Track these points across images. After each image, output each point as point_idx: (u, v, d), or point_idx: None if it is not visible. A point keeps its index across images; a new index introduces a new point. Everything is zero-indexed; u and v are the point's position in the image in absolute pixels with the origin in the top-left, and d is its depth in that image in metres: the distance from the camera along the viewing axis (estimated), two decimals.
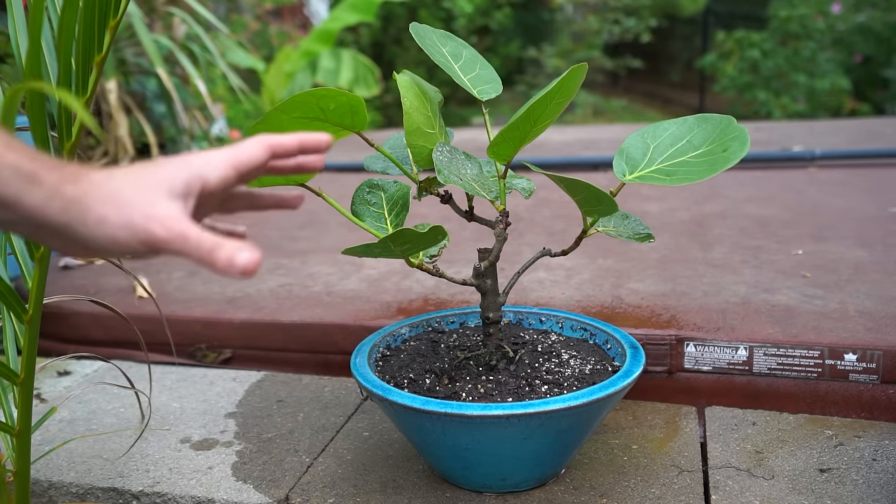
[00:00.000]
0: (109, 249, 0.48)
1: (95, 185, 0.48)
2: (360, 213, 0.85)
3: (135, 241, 0.47)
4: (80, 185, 0.48)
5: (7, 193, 0.46)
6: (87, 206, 0.47)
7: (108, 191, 0.48)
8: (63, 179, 0.47)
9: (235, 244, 0.46)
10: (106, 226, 0.47)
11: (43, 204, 0.46)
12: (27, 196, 0.46)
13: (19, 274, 0.73)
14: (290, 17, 6.24)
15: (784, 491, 0.81)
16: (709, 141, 0.75)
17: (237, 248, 0.46)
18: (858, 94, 6.02)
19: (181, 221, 0.48)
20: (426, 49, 0.81)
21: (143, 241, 0.47)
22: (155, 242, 0.47)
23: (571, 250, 0.84)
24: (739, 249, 1.45)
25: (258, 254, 0.46)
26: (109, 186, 0.48)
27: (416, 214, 1.30)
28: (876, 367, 0.98)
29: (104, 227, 0.47)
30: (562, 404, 0.72)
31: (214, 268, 0.46)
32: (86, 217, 0.47)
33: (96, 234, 0.47)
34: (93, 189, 0.48)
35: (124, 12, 0.68)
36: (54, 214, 0.47)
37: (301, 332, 1.22)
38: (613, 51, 7.49)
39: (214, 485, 0.88)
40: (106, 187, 0.48)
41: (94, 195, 0.47)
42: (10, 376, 0.72)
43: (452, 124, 2.24)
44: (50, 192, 0.46)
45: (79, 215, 0.47)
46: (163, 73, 2.42)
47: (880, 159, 2.23)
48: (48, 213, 0.47)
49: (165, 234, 0.47)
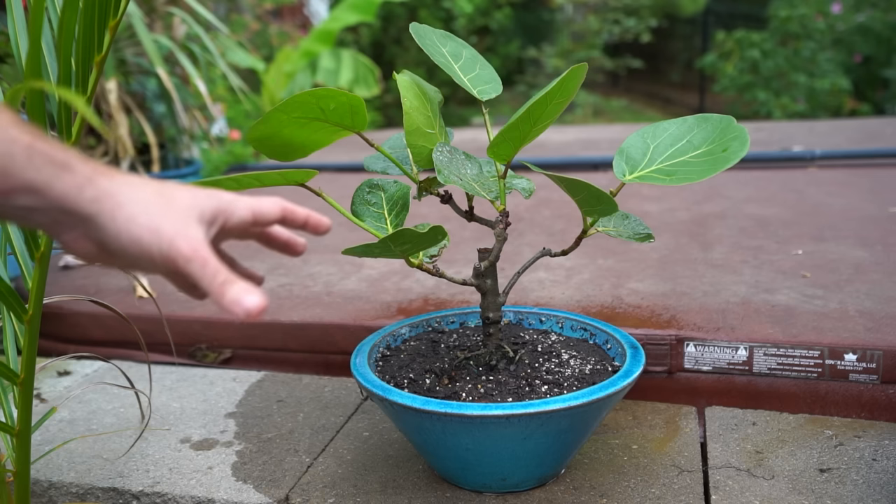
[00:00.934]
0: (126, 250, 0.49)
1: (131, 186, 0.49)
2: (360, 213, 0.85)
3: (157, 249, 0.48)
4: (115, 182, 0.49)
5: (38, 179, 0.46)
6: (121, 202, 0.48)
7: (144, 195, 0.49)
8: (96, 172, 0.49)
9: (246, 286, 0.48)
10: (134, 226, 0.48)
11: (75, 190, 0.47)
12: (58, 182, 0.47)
13: (19, 274, 0.73)
14: (290, 17, 6.24)
15: (784, 491, 0.81)
16: (709, 141, 0.75)
17: (246, 291, 0.48)
18: (858, 94, 6.02)
19: (205, 246, 0.49)
20: (426, 49, 0.81)
21: (165, 253, 0.48)
22: (176, 258, 0.48)
23: (571, 250, 0.84)
24: (739, 249, 1.45)
25: (265, 301, 0.48)
26: (145, 192, 0.50)
27: (416, 214, 1.31)
28: (876, 367, 0.98)
29: (132, 226, 0.48)
30: (562, 404, 0.72)
31: (220, 302, 0.48)
32: (117, 212, 0.48)
33: (120, 231, 0.48)
34: (128, 189, 0.49)
35: (124, 12, 0.68)
36: (84, 203, 0.48)
37: (301, 332, 1.22)
38: (613, 51, 7.48)
39: (214, 485, 0.88)
40: (142, 192, 0.49)
41: (129, 195, 0.49)
42: (10, 376, 0.72)
43: (452, 124, 2.24)
44: (83, 181, 0.48)
45: (110, 208, 0.48)
46: (163, 73, 2.42)
47: (880, 159, 2.23)
48: (79, 200, 0.48)
49: (190, 253, 0.48)
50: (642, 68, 7.37)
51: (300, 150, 0.78)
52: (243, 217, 0.55)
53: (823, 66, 5.71)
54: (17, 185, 0.46)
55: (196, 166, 2.87)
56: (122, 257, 0.50)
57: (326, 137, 0.77)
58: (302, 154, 0.79)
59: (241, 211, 0.55)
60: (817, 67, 5.71)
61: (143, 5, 2.65)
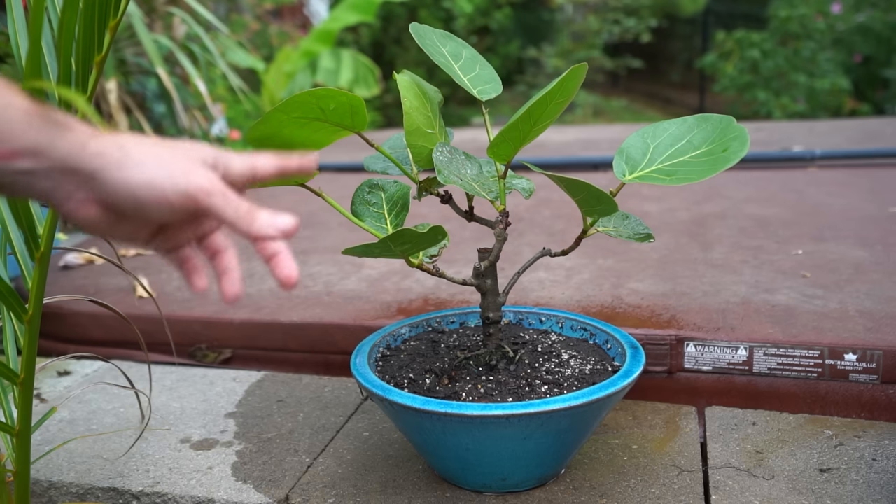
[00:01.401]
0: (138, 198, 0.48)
1: (133, 139, 0.49)
2: (360, 213, 0.85)
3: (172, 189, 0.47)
4: (117, 136, 0.48)
5: (39, 139, 0.46)
6: (128, 151, 0.48)
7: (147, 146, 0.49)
8: (96, 130, 0.48)
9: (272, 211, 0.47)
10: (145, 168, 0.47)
11: (77, 147, 0.47)
12: (60, 141, 0.46)
13: (19, 274, 0.73)
14: (290, 17, 6.24)
15: (784, 491, 0.81)
16: (709, 141, 0.75)
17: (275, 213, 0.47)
18: (858, 94, 6.02)
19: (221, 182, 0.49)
20: (426, 49, 0.81)
21: (183, 190, 0.47)
22: (197, 193, 0.48)
23: (571, 250, 0.84)
24: (739, 249, 1.45)
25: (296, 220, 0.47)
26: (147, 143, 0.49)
27: (416, 214, 1.31)
28: (876, 367, 0.98)
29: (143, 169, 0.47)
30: (562, 404, 0.72)
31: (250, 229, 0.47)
32: (124, 161, 0.47)
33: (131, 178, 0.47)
34: (132, 141, 0.49)
35: (124, 12, 0.68)
36: (88, 157, 0.47)
37: (301, 332, 1.22)
38: (613, 51, 7.49)
39: (214, 485, 0.88)
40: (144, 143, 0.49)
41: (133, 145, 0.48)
42: (10, 376, 0.72)
43: (452, 124, 2.24)
44: (84, 138, 0.47)
45: (117, 159, 0.47)
46: (163, 73, 2.42)
47: (880, 159, 2.23)
48: (83, 155, 0.47)
49: (210, 186, 0.48)
50: (642, 68, 7.38)
51: (300, 150, 0.78)
52: (243, 169, 0.54)
53: (823, 66, 5.71)
54: (18, 148, 0.45)
55: None
56: (132, 212, 0.49)
57: (326, 137, 0.77)
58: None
59: (241, 162, 0.55)
60: (817, 67, 5.72)
61: (143, 5, 2.65)
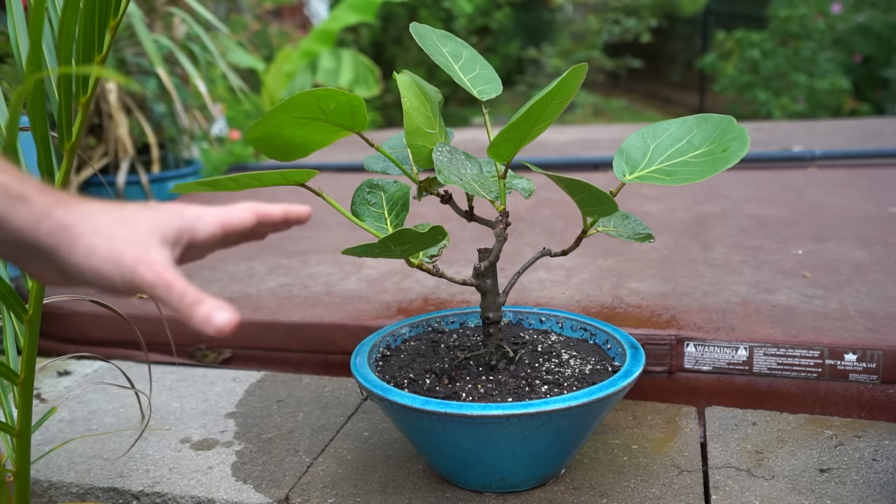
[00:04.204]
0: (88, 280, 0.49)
1: (89, 216, 0.49)
2: (360, 213, 0.85)
3: (119, 278, 0.48)
4: (72, 213, 0.48)
5: None
6: (78, 234, 0.48)
7: (102, 224, 0.48)
8: (55, 203, 0.48)
9: (216, 303, 0.47)
10: (94, 258, 0.47)
11: (31, 223, 0.47)
12: (14, 215, 0.47)
13: (19, 274, 0.73)
14: (290, 17, 6.24)
15: (784, 491, 0.81)
16: (709, 141, 0.75)
17: (217, 308, 0.47)
18: (858, 94, 6.02)
19: (169, 270, 0.48)
20: (426, 49, 0.81)
21: (129, 280, 0.48)
22: (141, 285, 0.48)
23: (571, 250, 0.84)
24: (739, 249, 1.45)
25: (236, 316, 0.47)
26: (104, 220, 0.49)
27: (416, 214, 1.31)
28: (876, 367, 0.98)
29: (92, 258, 0.47)
30: (562, 404, 0.72)
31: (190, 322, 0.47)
32: (74, 245, 0.47)
33: (80, 263, 0.48)
34: (86, 219, 0.48)
35: (124, 12, 0.68)
36: (41, 236, 0.47)
37: (301, 332, 1.22)
38: (613, 51, 7.48)
39: (214, 485, 0.88)
40: (100, 220, 0.49)
41: (87, 225, 0.48)
42: (10, 376, 0.72)
43: (452, 124, 2.24)
44: (39, 214, 0.47)
45: (67, 241, 0.47)
46: (163, 73, 2.42)
47: (880, 159, 2.23)
48: (35, 234, 0.47)
49: (153, 279, 0.48)
50: (642, 68, 7.37)
51: (300, 150, 0.78)
52: (211, 232, 0.54)
53: (823, 66, 5.71)
54: None
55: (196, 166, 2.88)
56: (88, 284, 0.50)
57: (326, 137, 0.77)
58: (302, 154, 0.78)
59: (208, 226, 0.54)
60: (817, 67, 5.71)
61: (143, 5, 2.65)
